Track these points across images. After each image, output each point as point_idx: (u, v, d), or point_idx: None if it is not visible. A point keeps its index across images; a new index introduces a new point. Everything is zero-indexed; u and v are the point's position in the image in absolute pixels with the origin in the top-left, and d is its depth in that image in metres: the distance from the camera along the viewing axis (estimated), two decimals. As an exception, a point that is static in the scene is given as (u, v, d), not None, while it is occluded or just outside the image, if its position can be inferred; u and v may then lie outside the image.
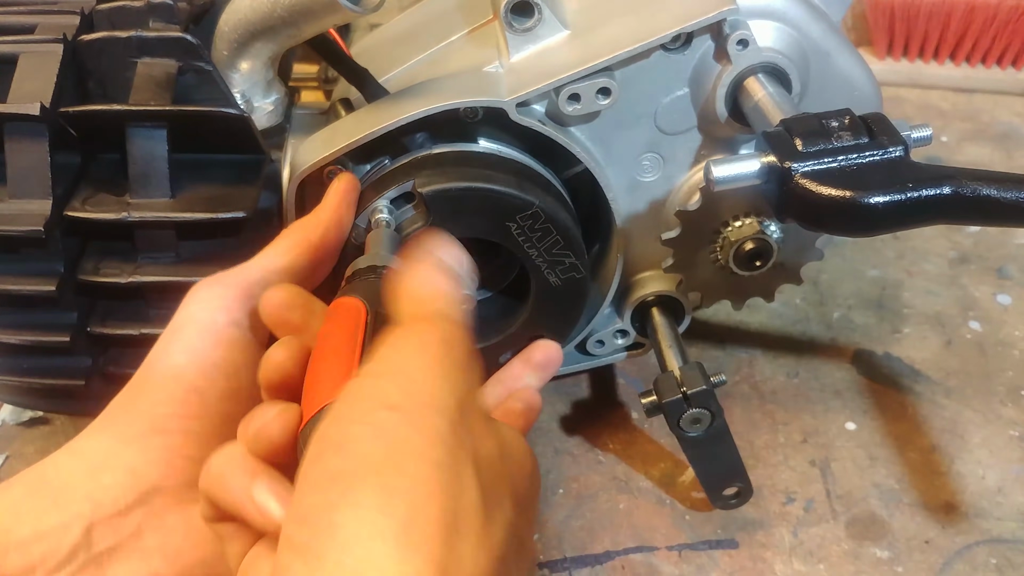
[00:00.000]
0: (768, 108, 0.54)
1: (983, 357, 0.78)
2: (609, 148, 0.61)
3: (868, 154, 0.46)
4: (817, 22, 0.58)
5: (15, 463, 0.69)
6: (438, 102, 0.55)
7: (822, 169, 0.46)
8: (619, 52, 0.55)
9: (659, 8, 0.57)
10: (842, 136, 0.47)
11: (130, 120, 0.54)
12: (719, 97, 0.58)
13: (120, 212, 0.54)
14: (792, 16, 0.57)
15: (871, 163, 0.46)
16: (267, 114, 0.61)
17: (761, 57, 0.56)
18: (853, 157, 0.46)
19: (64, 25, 0.57)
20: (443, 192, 0.56)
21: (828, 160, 0.46)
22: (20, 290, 0.54)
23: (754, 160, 0.48)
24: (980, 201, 0.45)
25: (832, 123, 0.48)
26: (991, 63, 1.09)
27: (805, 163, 0.46)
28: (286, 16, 0.55)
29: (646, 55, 0.57)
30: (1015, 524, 0.65)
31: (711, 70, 0.58)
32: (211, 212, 0.54)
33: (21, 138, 0.53)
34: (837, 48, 0.59)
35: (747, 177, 0.48)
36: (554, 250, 0.58)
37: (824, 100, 0.60)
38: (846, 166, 0.46)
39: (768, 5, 0.57)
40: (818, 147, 0.47)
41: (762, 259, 0.60)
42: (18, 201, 0.53)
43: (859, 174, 0.45)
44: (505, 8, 0.57)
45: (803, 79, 0.58)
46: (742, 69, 0.57)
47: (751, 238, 0.59)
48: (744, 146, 0.61)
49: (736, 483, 0.63)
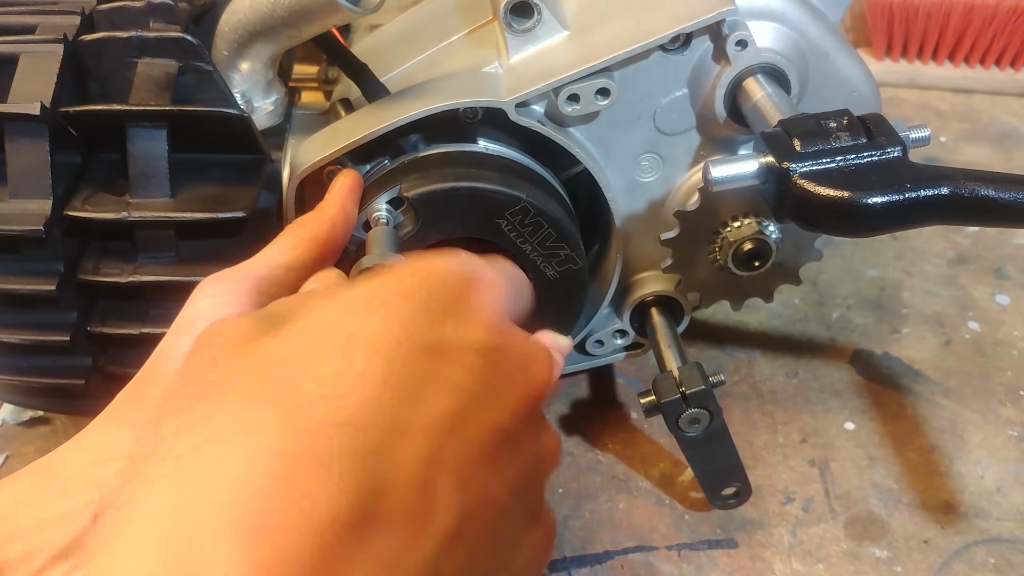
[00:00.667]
0: (767, 109, 0.54)
1: (982, 357, 0.78)
2: (608, 148, 0.61)
3: (866, 154, 0.46)
4: (815, 23, 0.58)
5: (15, 463, 0.69)
6: (437, 102, 0.55)
7: (820, 170, 0.46)
8: (618, 53, 0.55)
9: (657, 8, 0.57)
10: (840, 136, 0.47)
11: (130, 120, 0.54)
12: (718, 97, 0.58)
13: (120, 212, 0.54)
14: (791, 17, 0.57)
15: (869, 164, 0.46)
16: (267, 114, 0.61)
17: (760, 58, 0.56)
18: (851, 157, 0.46)
19: (64, 25, 0.57)
20: (429, 194, 0.56)
21: (826, 160, 0.46)
22: (20, 289, 0.54)
23: (752, 160, 0.48)
24: (978, 201, 0.45)
25: (830, 123, 0.48)
26: (989, 64, 1.09)
27: (803, 163, 0.46)
28: (286, 17, 0.55)
29: (645, 56, 0.57)
30: (1014, 524, 0.65)
31: (710, 71, 0.58)
32: (211, 212, 0.55)
33: (21, 138, 0.53)
34: (835, 48, 0.59)
35: (745, 177, 0.49)
36: (547, 243, 0.58)
37: (823, 100, 0.60)
38: (844, 166, 0.46)
39: (767, 6, 0.57)
40: (816, 147, 0.47)
41: (761, 259, 0.60)
42: (18, 201, 0.53)
43: (857, 175, 0.45)
44: (504, 9, 0.57)
45: (802, 80, 0.58)
46: (741, 70, 0.57)
47: (750, 238, 0.60)
48: (743, 147, 0.61)
49: (734, 483, 0.63)
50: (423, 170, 0.57)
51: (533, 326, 0.64)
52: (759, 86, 0.56)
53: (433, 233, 0.57)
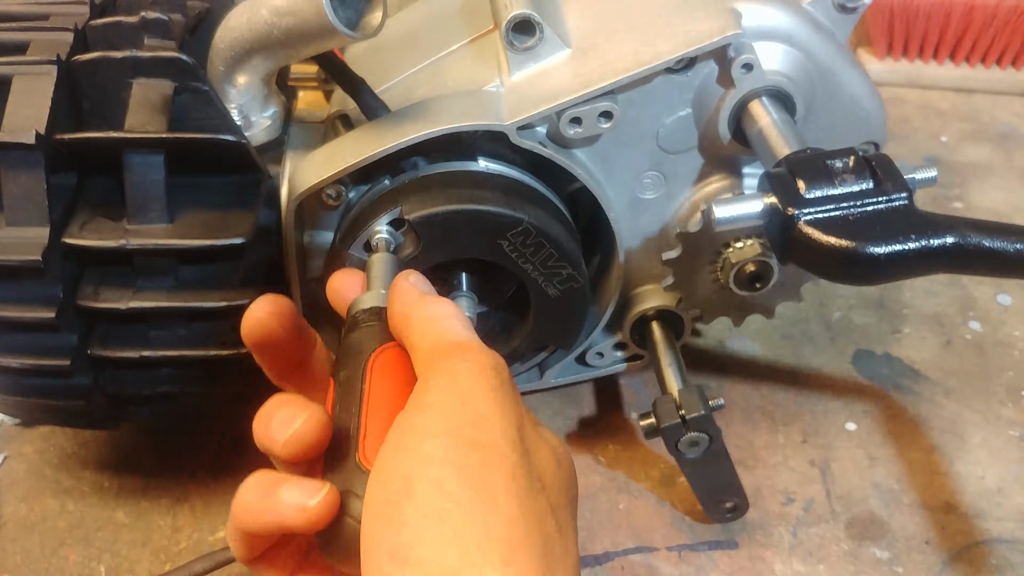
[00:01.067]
0: (772, 137, 0.53)
1: (983, 357, 0.78)
2: (610, 167, 0.60)
3: (872, 201, 0.46)
4: (823, 42, 0.57)
5: (14, 463, 0.69)
6: (439, 125, 0.55)
7: (825, 218, 0.45)
8: (621, 77, 0.54)
9: (662, 28, 0.56)
10: (846, 179, 0.46)
11: (127, 147, 0.53)
12: (722, 119, 0.57)
13: (119, 240, 0.53)
14: (798, 37, 0.56)
15: (874, 212, 0.45)
16: (265, 129, 0.60)
17: (766, 81, 0.55)
18: (857, 204, 0.45)
19: (57, 42, 0.55)
20: (431, 217, 0.55)
21: (831, 207, 0.45)
22: (20, 317, 0.53)
23: (757, 201, 0.48)
24: (982, 252, 0.44)
25: (836, 164, 0.47)
26: (990, 63, 1.08)
27: (808, 210, 0.45)
28: (283, 39, 0.54)
29: (648, 79, 0.56)
30: (1014, 524, 0.66)
31: (714, 92, 0.57)
32: (209, 238, 0.54)
33: (17, 166, 0.52)
34: (842, 68, 0.58)
35: (749, 218, 0.48)
36: (549, 263, 0.58)
37: (828, 119, 0.59)
38: (849, 215, 0.45)
39: (775, 27, 0.56)
40: (822, 191, 0.46)
41: (762, 281, 0.60)
42: (15, 228, 0.53)
43: (862, 223, 0.45)
44: (506, 28, 0.55)
45: (807, 101, 0.58)
46: (746, 92, 0.56)
47: (752, 260, 0.59)
48: (746, 166, 0.61)
49: (732, 499, 0.63)
50: (424, 191, 0.56)
51: (536, 344, 0.65)
52: (764, 110, 0.55)
53: (435, 254, 0.57)
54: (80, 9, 0.59)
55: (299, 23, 0.52)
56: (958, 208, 0.93)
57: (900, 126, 1.04)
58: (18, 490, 0.68)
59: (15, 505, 0.67)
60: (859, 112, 0.59)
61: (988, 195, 0.95)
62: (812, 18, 0.57)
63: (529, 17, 0.55)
